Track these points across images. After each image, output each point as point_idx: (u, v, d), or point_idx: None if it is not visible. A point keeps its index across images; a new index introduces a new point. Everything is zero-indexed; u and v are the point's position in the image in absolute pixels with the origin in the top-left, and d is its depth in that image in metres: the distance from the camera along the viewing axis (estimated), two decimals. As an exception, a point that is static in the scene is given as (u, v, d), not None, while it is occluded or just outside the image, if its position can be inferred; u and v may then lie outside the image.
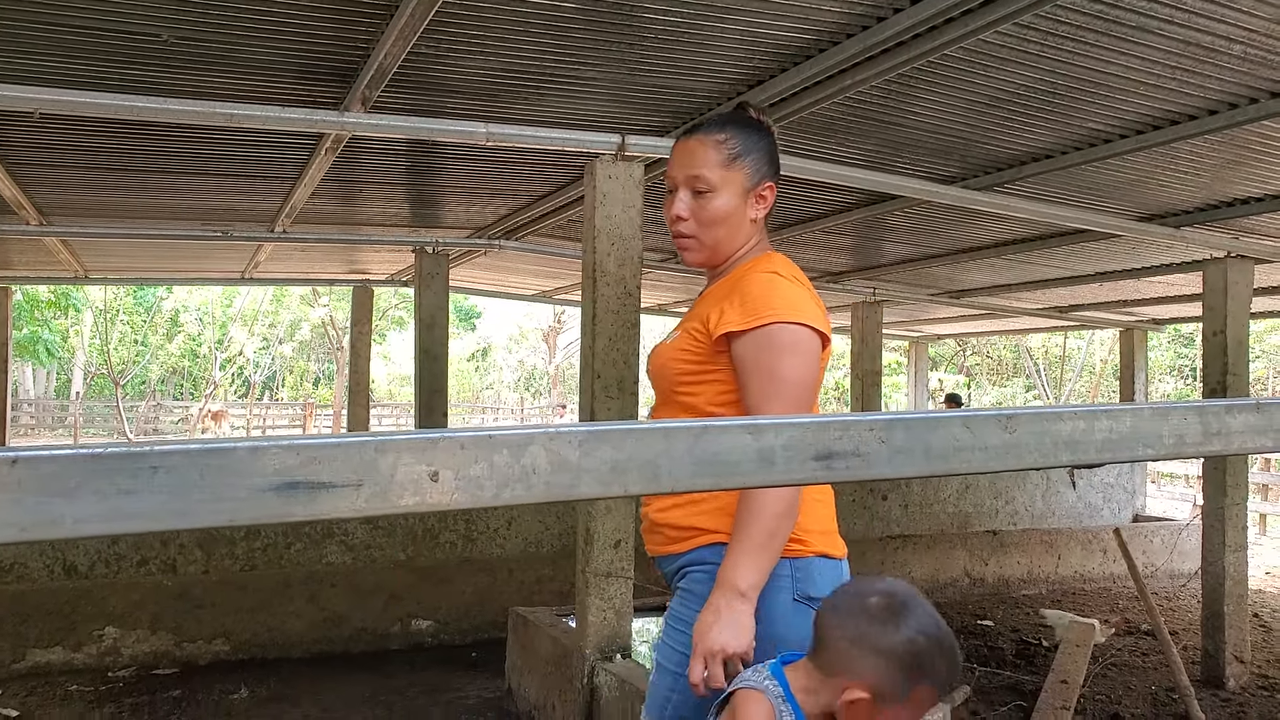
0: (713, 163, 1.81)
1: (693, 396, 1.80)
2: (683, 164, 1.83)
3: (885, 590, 1.52)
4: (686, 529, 1.79)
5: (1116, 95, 3.31)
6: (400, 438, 0.46)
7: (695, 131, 1.85)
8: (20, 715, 4.06)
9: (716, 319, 1.75)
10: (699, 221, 1.83)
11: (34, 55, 3.10)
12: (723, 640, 1.58)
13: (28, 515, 0.39)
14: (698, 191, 1.82)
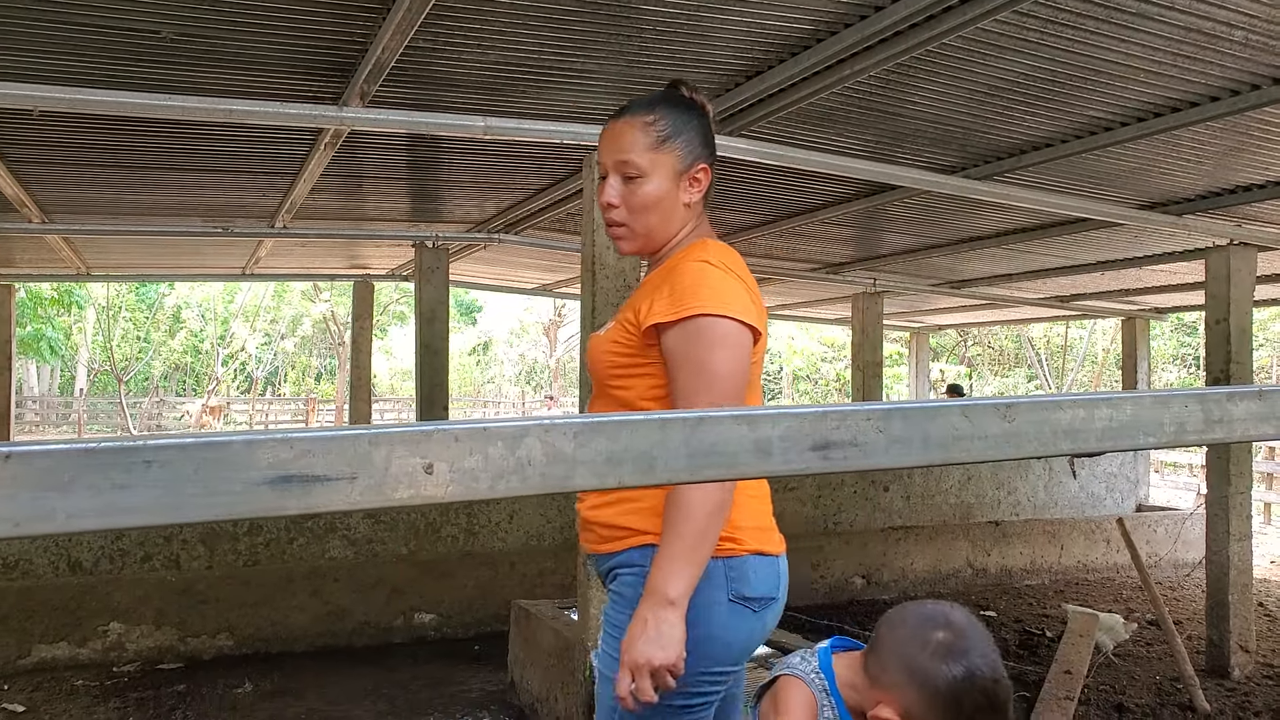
0: (641, 146, 1.72)
1: (625, 390, 1.74)
2: (611, 148, 1.75)
3: (952, 626, 1.49)
4: (617, 528, 1.72)
5: (1117, 82, 3.30)
6: (394, 430, 0.45)
7: (623, 113, 1.77)
8: (26, 710, 4.07)
9: (646, 310, 1.68)
10: (629, 208, 1.74)
11: (34, 53, 3.09)
12: (649, 653, 1.53)
13: (22, 510, 0.39)
14: (627, 177, 1.73)
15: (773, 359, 29.93)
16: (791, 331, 25.86)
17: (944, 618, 1.51)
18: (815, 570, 6.57)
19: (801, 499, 6.81)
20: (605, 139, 1.77)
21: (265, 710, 4.13)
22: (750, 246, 6.93)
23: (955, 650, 1.45)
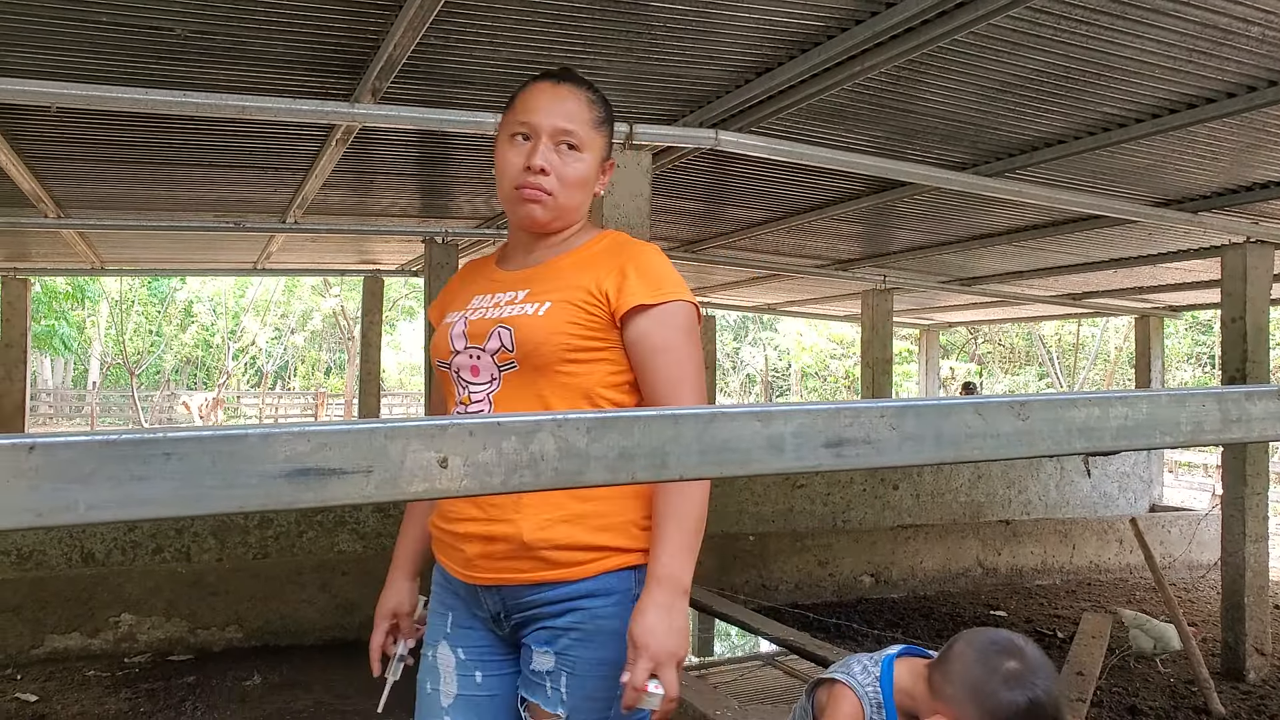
0: (584, 120, 1.61)
1: (580, 376, 1.54)
2: (552, 112, 1.58)
3: (1023, 657, 1.58)
4: (588, 549, 1.49)
5: (1131, 79, 3.29)
6: (409, 424, 0.46)
7: (562, 80, 1.63)
8: (39, 700, 4.10)
9: (616, 289, 1.53)
10: (561, 179, 1.58)
11: (51, 50, 3.11)
12: (678, 645, 1.40)
13: (44, 501, 0.39)
14: (567, 146, 1.59)
15: (781, 356, 29.91)
16: (800, 328, 25.82)
17: (1017, 648, 1.59)
18: (824, 568, 6.56)
19: (810, 497, 6.81)
20: (543, 100, 1.59)
21: (274, 702, 4.15)
22: (759, 242, 6.93)
23: (1022, 680, 1.54)
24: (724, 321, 27.54)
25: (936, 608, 6.37)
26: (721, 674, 3.61)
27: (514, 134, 1.59)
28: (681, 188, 5.30)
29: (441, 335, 1.65)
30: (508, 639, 1.59)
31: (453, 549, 1.58)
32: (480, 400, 1.60)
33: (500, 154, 1.61)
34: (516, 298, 1.59)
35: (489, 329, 1.57)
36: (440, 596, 1.68)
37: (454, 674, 1.61)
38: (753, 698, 3.17)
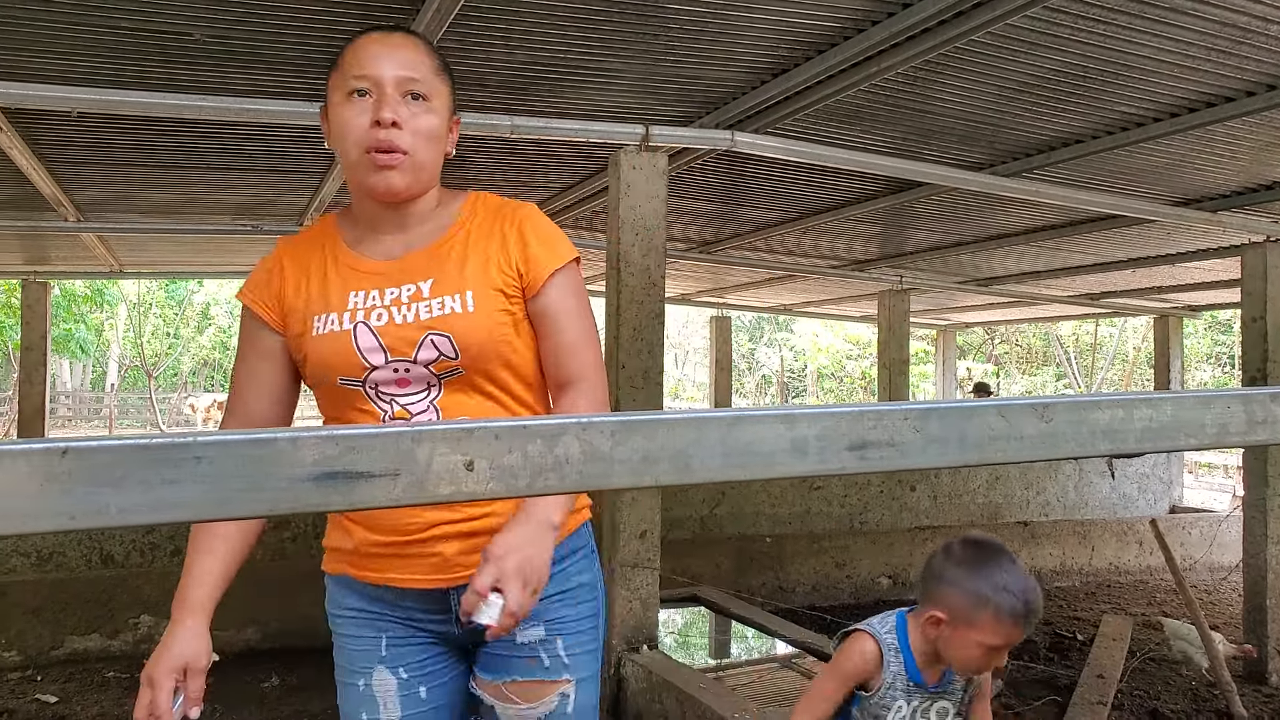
0: (427, 66, 1.43)
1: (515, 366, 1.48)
2: (393, 60, 1.40)
3: (967, 540, 1.85)
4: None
5: (1150, 78, 3.26)
6: (436, 428, 0.46)
7: (392, 30, 1.46)
8: (59, 701, 4.14)
9: (524, 260, 1.45)
10: (414, 132, 1.40)
11: (72, 56, 3.14)
12: (531, 568, 1.30)
13: (77, 504, 0.40)
14: (414, 95, 1.41)
15: (797, 356, 29.85)
16: (816, 329, 25.77)
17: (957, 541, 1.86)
18: (841, 570, 6.54)
19: (827, 498, 6.79)
20: (379, 49, 1.42)
21: (291, 704, 4.17)
22: (775, 243, 6.92)
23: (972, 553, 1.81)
24: (739, 322, 27.52)
25: (954, 610, 6.33)
26: (739, 676, 3.61)
27: (351, 91, 1.40)
28: (697, 189, 5.30)
29: (336, 348, 1.42)
30: (460, 639, 1.55)
31: (414, 559, 1.46)
32: (423, 410, 1.45)
33: (337, 117, 1.41)
34: (421, 292, 1.44)
35: (415, 337, 1.42)
36: (362, 622, 1.53)
37: (396, 697, 1.52)
38: (771, 700, 3.17)
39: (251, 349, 1.52)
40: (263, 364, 1.51)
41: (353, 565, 1.52)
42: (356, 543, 1.50)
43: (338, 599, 1.56)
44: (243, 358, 1.53)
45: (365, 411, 1.46)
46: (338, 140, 1.43)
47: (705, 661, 4.12)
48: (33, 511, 0.39)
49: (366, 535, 1.49)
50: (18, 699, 4.16)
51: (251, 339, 1.51)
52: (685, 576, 5.40)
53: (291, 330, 1.48)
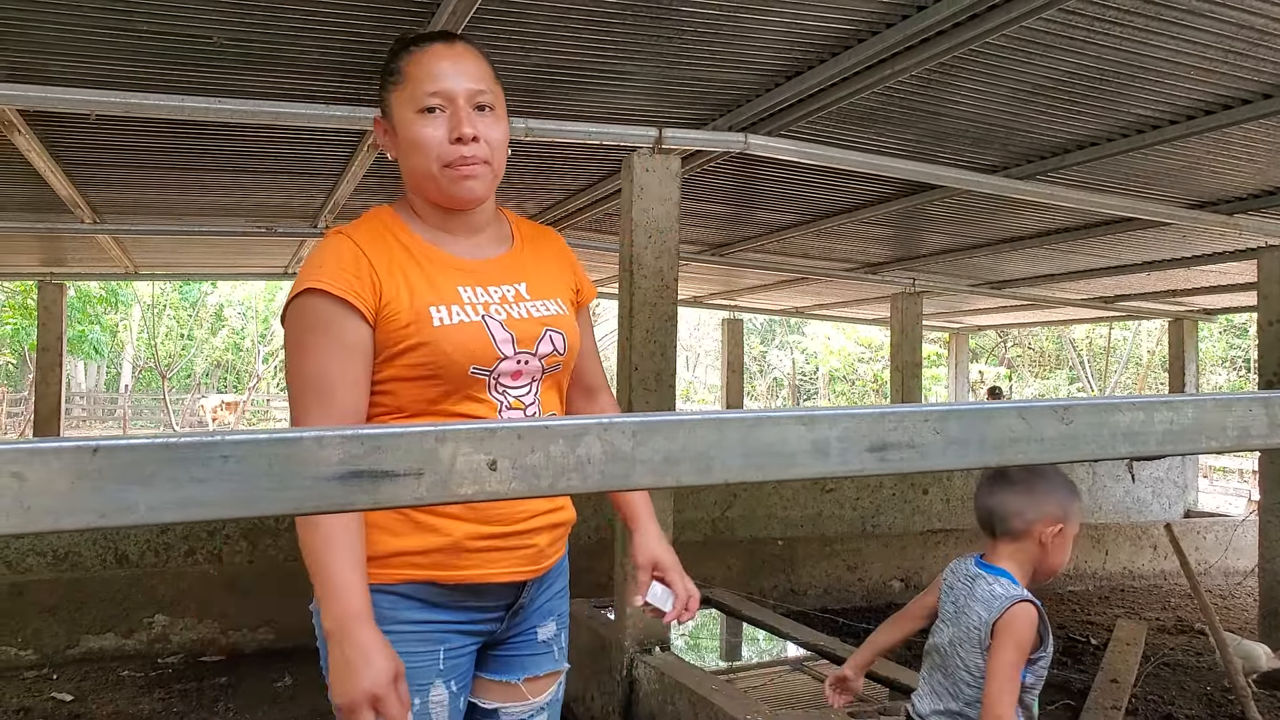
0: (490, 76, 1.49)
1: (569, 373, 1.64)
2: (463, 75, 1.45)
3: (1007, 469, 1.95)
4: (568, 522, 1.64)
5: (1166, 80, 3.25)
6: (460, 428, 0.46)
7: (453, 39, 1.51)
8: (75, 700, 4.16)
9: (579, 283, 1.67)
10: (490, 144, 1.46)
11: (89, 59, 3.16)
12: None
13: (107, 502, 0.40)
14: (482, 106, 1.47)
15: (808, 359, 29.80)
16: (828, 331, 25.72)
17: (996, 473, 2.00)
18: (853, 573, 6.53)
19: (839, 501, 6.77)
20: (447, 64, 1.46)
21: (305, 703, 4.19)
22: (788, 246, 6.91)
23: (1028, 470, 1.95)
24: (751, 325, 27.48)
25: (966, 614, 6.31)
26: (751, 678, 3.60)
27: (423, 108, 1.45)
28: (710, 191, 5.30)
29: (472, 337, 1.45)
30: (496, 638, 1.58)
31: (514, 550, 1.51)
32: (531, 403, 1.52)
33: (410, 133, 1.46)
34: (521, 293, 1.53)
35: (536, 332, 1.50)
36: (422, 635, 1.49)
37: (447, 711, 1.50)
38: (782, 702, 3.16)
39: (339, 343, 1.41)
40: (354, 358, 1.42)
41: (440, 565, 1.47)
42: (457, 538, 1.46)
43: (392, 615, 1.46)
44: (329, 352, 1.41)
45: (482, 401, 1.47)
46: (411, 154, 1.47)
47: (717, 664, 4.12)
48: (64, 509, 0.39)
49: (473, 528, 1.47)
50: (34, 697, 4.19)
51: (340, 331, 1.41)
52: (697, 579, 5.39)
53: (395, 320, 1.43)
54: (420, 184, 1.50)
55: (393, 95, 1.49)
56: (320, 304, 1.41)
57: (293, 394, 1.43)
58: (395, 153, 1.51)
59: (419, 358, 1.43)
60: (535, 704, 1.60)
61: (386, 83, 1.51)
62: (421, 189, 1.51)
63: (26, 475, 0.39)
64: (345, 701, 1.30)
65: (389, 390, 1.46)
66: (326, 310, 1.41)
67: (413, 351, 1.43)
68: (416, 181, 1.50)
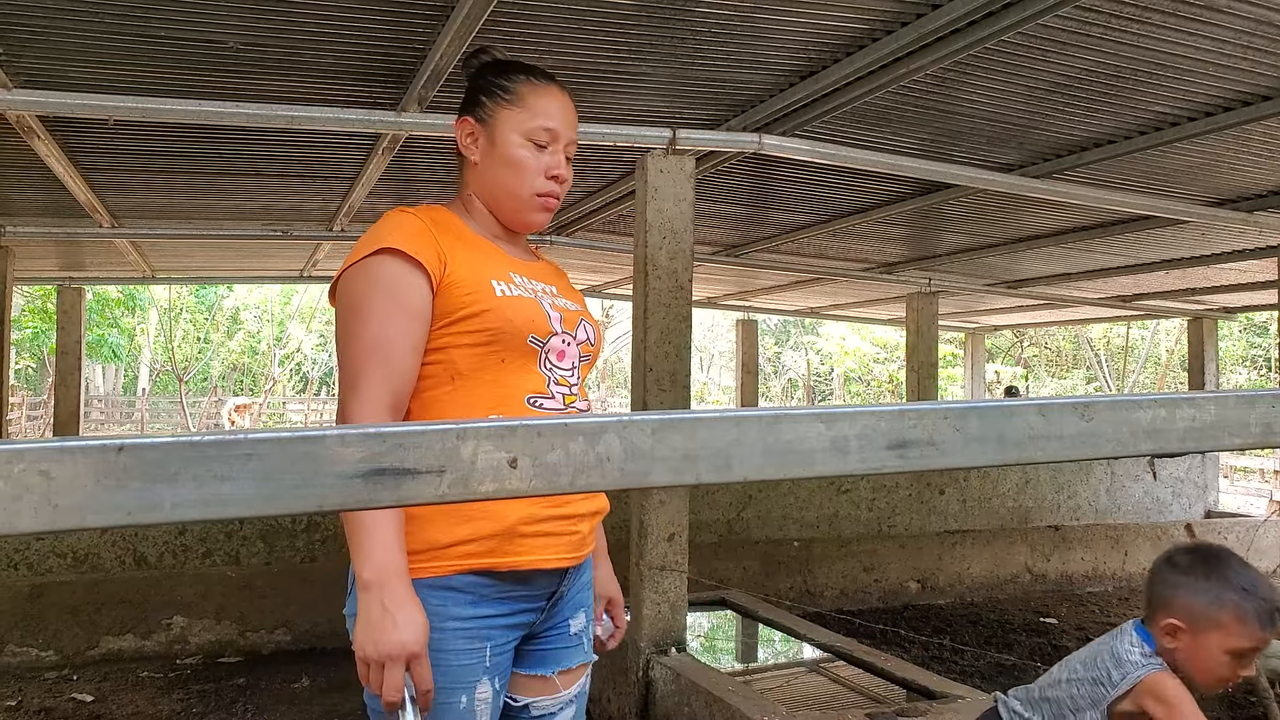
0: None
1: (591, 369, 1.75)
2: (569, 123, 1.63)
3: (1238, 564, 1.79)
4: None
5: (1184, 77, 3.23)
6: (481, 425, 0.46)
7: (563, 87, 1.67)
8: (95, 700, 4.20)
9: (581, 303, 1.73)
10: (564, 190, 1.66)
11: (109, 65, 3.19)
12: None
13: (133, 500, 0.41)
14: (567, 158, 1.65)
15: (823, 360, 29.72)
16: (843, 332, 25.64)
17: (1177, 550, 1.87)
18: (869, 574, 6.50)
19: (855, 502, 6.75)
20: (560, 109, 1.63)
21: (322, 704, 4.20)
22: (802, 246, 6.90)
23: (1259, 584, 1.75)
24: (765, 326, 27.44)
25: (984, 614, 6.28)
26: (767, 680, 3.60)
27: (533, 138, 1.58)
28: (724, 192, 5.29)
29: (531, 307, 1.52)
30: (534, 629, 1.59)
31: (561, 536, 1.53)
32: (575, 384, 1.59)
33: (513, 153, 1.57)
34: (553, 292, 1.62)
35: (576, 318, 1.61)
36: (471, 633, 1.47)
37: (489, 709, 1.49)
38: (799, 703, 3.15)
39: (403, 306, 1.43)
40: (416, 322, 1.44)
41: (493, 552, 1.46)
42: (511, 523, 1.47)
43: (442, 611, 1.44)
44: (391, 316, 1.43)
45: (532, 373, 1.52)
46: (504, 170, 1.58)
47: (733, 665, 4.11)
48: (90, 507, 0.40)
49: (526, 510, 1.48)
50: (55, 698, 4.22)
51: (406, 294, 1.44)
52: (713, 580, 5.39)
53: (459, 287, 1.47)
54: (498, 196, 1.60)
55: (502, 111, 1.59)
56: (389, 265, 1.44)
57: (348, 357, 1.43)
58: (478, 158, 1.60)
59: (480, 324, 1.47)
60: (565, 696, 1.62)
61: (495, 95, 1.60)
62: (495, 200, 1.61)
63: (53, 474, 0.39)
64: (379, 653, 1.28)
65: (445, 359, 1.48)
66: (395, 271, 1.44)
67: (475, 318, 1.47)
68: (493, 193, 1.61)
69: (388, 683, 1.28)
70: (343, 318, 1.47)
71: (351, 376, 1.42)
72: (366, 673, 1.31)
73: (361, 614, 1.31)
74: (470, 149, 1.61)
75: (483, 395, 1.48)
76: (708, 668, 3.47)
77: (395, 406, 1.43)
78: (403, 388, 1.45)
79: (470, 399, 1.48)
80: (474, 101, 1.62)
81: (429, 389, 1.49)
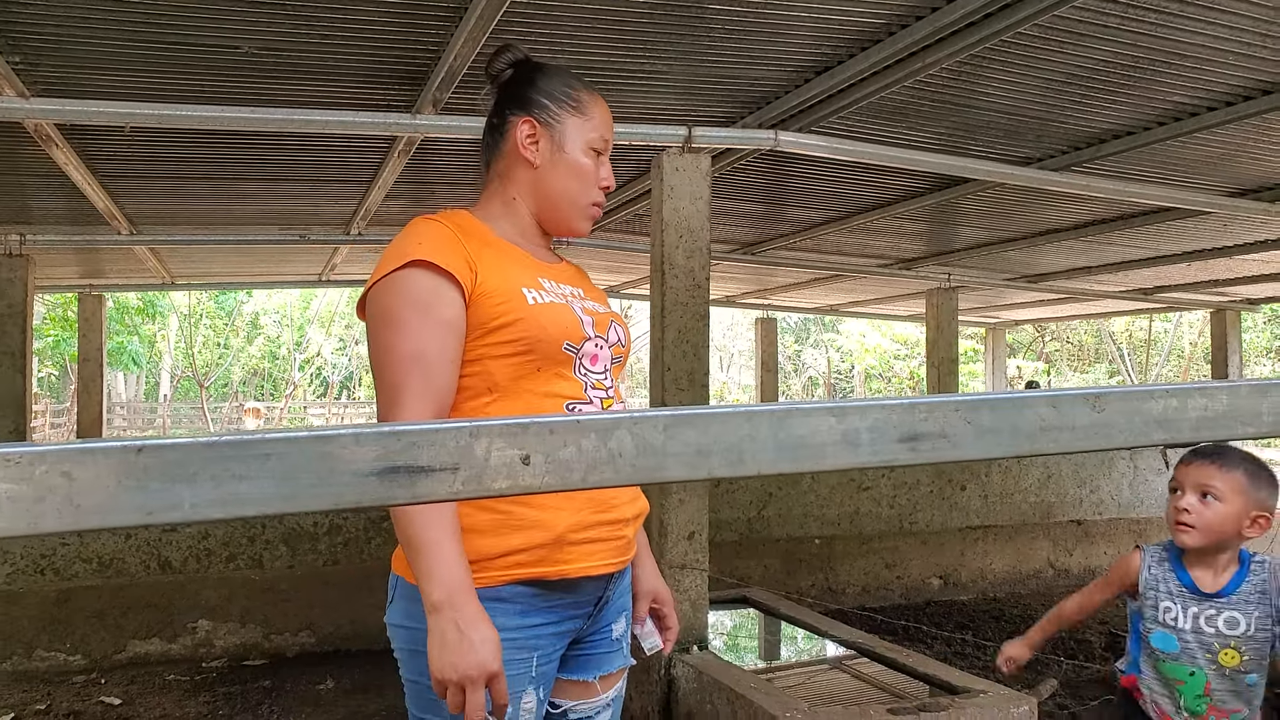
0: None
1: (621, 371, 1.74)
2: (613, 136, 1.68)
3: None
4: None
5: (1204, 66, 3.20)
6: (493, 423, 0.47)
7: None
8: (123, 703, 4.24)
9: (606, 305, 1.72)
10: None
11: (124, 72, 3.23)
12: None
13: (153, 500, 0.41)
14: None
15: (844, 357, 29.63)
16: (863, 329, 25.55)
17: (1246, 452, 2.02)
18: (891, 571, 6.48)
19: (876, 499, 6.72)
20: (609, 120, 1.67)
21: (347, 706, 4.23)
22: (820, 243, 6.88)
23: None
24: (785, 324, 27.38)
25: (1007, 610, 6.25)
26: (789, 677, 3.59)
27: (594, 147, 1.61)
28: (741, 189, 5.29)
29: (565, 314, 1.51)
30: (579, 635, 1.58)
31: (609, 541, 1.53)
32: (610, 386, 1.58)
33: (578, 162, 1.59)
34: (581, 295, 1.61)
35: (606, 320, 1.60)
36: (519, 643, 1.45)
37: (532, 718, 1.48)
38: (822, 700, 3.15)
39: (439, 319, 1.41)
40: (451, 335, 1.43)
41: (543, 561, 1.45)
42: (560, 531, 1.46)
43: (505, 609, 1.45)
44: (428, 329, 1.41)
45: (568, 379, 1.51)
46: (568, 177, 1.59)
47: (755, 662, 4.11)
48: (111, 507, 0.40)
49: (574, 518, 1.48)
50: (83, 701, 4.27)
51: (440, 307, 1.42)
52: (734, 578, 5.39)
53: (491, 298, 1.45)
54: (556, 202, 1.60)
55: (571, 119, 1.60)
56: (422, 277, 1.42)
57: (385, 372, 1.41)
58: (540, 161, 1.59)
59: (514, 333, 1.45)
60: (603, 700, 1.63)
61: (563, 102, 1.60)
62: (552, 205, 1.61)
63: (75, 474, 0.40)
64: (458, 676, 1.27)
65: (481, 370, 1.47)
66: (428, 283, 1.42)
67: (508, 328, 1.45)
68: (550, 198, 1.60)
69: (470, 704, 1.28)
70: (376, 333, 1.44)
71: (391, 392, 1.40)
72: (444, 693, 1.30)
73: (435, 636, 1.30)
74: (531, 150, 1.58)
75: (521, 405, 1.47)
76: (730, 665, 3.47)
77: (439, 416, 1.41)
78: (444, 401, 1.43)
79: (509, 409, 1.47)
80: (533, 103, 1.59)
81: (467, 400, 1.47)
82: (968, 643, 5.36)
